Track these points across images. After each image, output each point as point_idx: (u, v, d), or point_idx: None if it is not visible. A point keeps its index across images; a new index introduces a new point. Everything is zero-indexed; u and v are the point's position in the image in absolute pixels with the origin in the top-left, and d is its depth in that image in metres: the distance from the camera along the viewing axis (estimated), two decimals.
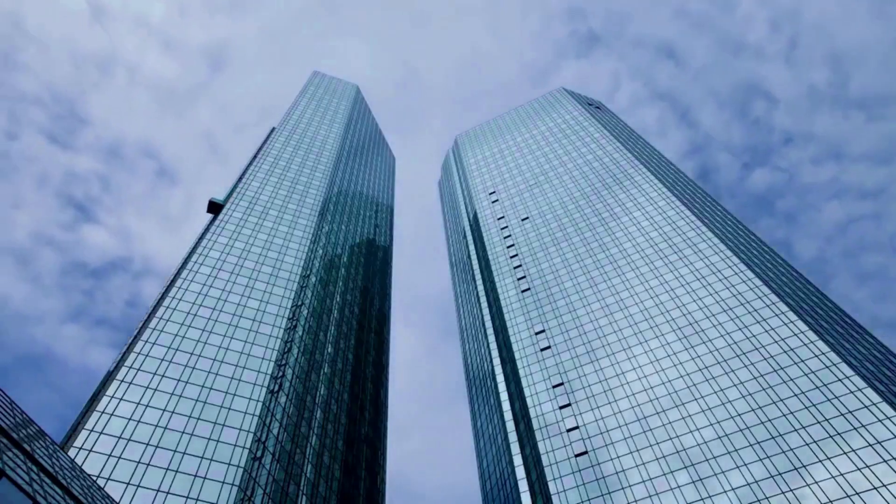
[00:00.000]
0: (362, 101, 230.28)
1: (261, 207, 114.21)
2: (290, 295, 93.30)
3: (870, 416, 64.65)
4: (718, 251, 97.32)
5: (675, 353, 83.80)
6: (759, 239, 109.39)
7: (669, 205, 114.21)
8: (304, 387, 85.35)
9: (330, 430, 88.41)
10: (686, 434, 72.75)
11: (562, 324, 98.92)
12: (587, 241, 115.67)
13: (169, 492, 58.28)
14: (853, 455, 61.95)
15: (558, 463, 76.78)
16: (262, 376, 76.28)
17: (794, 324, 79.16)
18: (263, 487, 64.88)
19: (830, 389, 69.17)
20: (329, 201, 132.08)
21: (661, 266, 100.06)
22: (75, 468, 36.89)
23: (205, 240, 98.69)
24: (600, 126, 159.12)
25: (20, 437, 29.21)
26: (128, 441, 61.45)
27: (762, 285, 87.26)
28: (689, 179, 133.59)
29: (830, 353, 73.20)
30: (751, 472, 65.19)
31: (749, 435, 69.03)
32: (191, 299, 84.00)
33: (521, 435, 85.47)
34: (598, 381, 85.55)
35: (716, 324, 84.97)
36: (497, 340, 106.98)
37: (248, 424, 68.88)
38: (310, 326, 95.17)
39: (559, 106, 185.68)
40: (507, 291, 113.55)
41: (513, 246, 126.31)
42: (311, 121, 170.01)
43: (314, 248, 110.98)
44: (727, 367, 78.06)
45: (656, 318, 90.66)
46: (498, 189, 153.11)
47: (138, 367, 70.49)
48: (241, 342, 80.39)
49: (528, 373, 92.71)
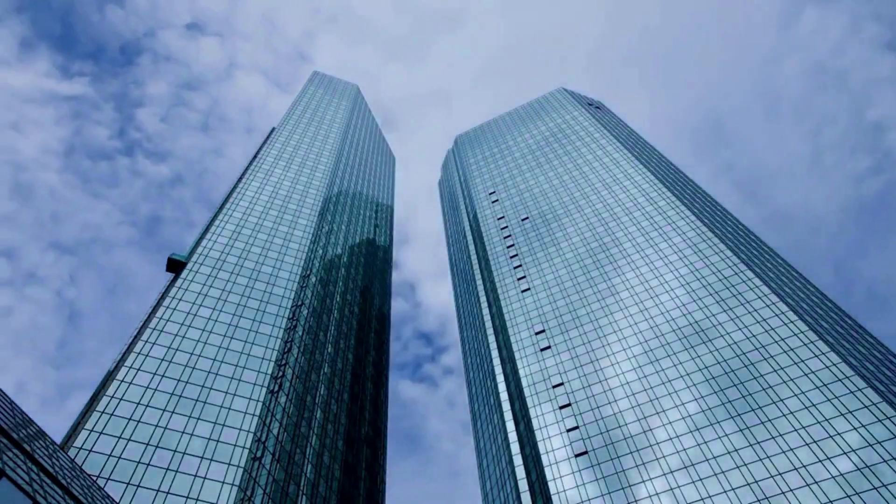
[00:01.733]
0: (362, 100, 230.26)
1: (261, 207, 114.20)
2: (290, 295, 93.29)
3: (870, 415, 64.66)
4: (718, 251, 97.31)
5: (676, 353, 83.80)
6: (759, 240, 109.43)
7: (670, 205, 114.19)
8: (304, 387, 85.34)
9: (330, 430, 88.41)
10: (686, 434, 72.76)
11: (562, 324, 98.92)
12: (587, 240, 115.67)
13: (169, 492, 58.29)
14: (853, 455, 61.96)
15: (558, 463, 76.79)
16: (262, 376, 76.27)
17: (794, 324, 79.14)
18: (263, 487, 64.88)
19: (830, 389, 69.17)
20: (329, 201, 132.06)
21: (661, 266, 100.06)
22: (75, 468, 36.88)
23: (205, 239, 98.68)
24: (600, 126, 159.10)
25: (20, 437, 29.20)
26: (128, 441, 61.45)
27: (762, 285, 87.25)
28: (688, 179, 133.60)
29: (830, 353, 73.20)
30: (751, 472, 65.19)
31: (749, 435, 69.04)
32: (191, 299, 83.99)
33: (521, 435, 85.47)
34: (598, 381, 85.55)
35: (716, 324, 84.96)
36: (497, 340, 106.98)
37: (248, 424, 68.88)
38: (310, 326, 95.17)
39: (559, 106, 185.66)
40: (507, 291, 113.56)
41: (513, 246, 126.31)
42: (312, 121, 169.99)
43: (314, 248, 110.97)
44: (727, 368, 78.05)
45: (656, 319, 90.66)
46: (498, 189, 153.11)
47: (138, 367, 70.49)
48: (241, 342, 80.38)
49: (528, 373, 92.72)
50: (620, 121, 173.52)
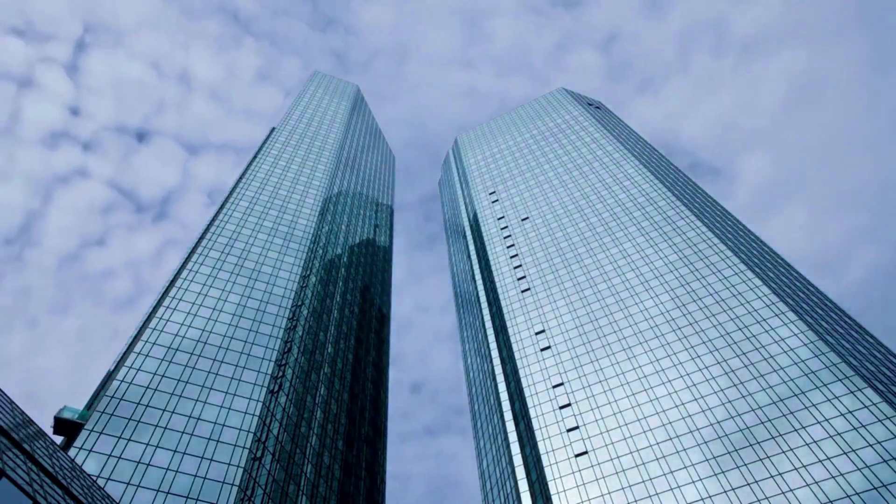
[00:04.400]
0: (362, 100, 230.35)
1: (261, 207, 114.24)
2: (290, 295, 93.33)
3: (870, 416, 64.67)
4: (718, 251, 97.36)
5: (675, 353, 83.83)
6: (759, 239, 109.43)
7: (669, 205, 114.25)
8: (304, 387, 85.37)
9: (330, 430, 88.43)
10: (686, 434, 72.77)
11: (562, 324, 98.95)
12: (587, 240, 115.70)
13: (169, 492, 58.32)
14: (853, 455, 61.96)
15: (558, 463, 76.80)
16: (262, 376, 76.31)
17: (794, 324, 79.17)
18: (263, 487, 64.90)
19: (830, 389, 69.18)
20: (329, 201, 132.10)
21: (661, 266, 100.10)
22: (75, 468, 36.90)
23: (205, 240, 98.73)
24: (600, 126, 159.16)
25: (20, 437, 29.22)
26: (128, 441, 61.48)
27: (762, 285, 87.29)
28: (688, 179, 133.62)
29: (830, 353, 73.22)
30: (751, 472, 65.20)
31: (749, 435, 69.05)
32: (191, 299, 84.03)
33: (521, 435, 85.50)
34: (598, 381, 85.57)
35: (716, 324, 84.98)
36: (497, 340, 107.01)
37: (248, 424, 68.91)
38: (310, 326, 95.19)
39: (559, 106, 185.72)
40: (507, 291, 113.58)
41: (513, 246, 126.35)
42: (312, 121, 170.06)
43: (314, 248, 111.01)
44: (727, 367, 78.07)
45: (656, 318, 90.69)
46: (498, 189, 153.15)
47: (139, 367, 70.53)
48: (241, 342, 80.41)
49: (528, 373, 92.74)
50: (620, 121, 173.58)
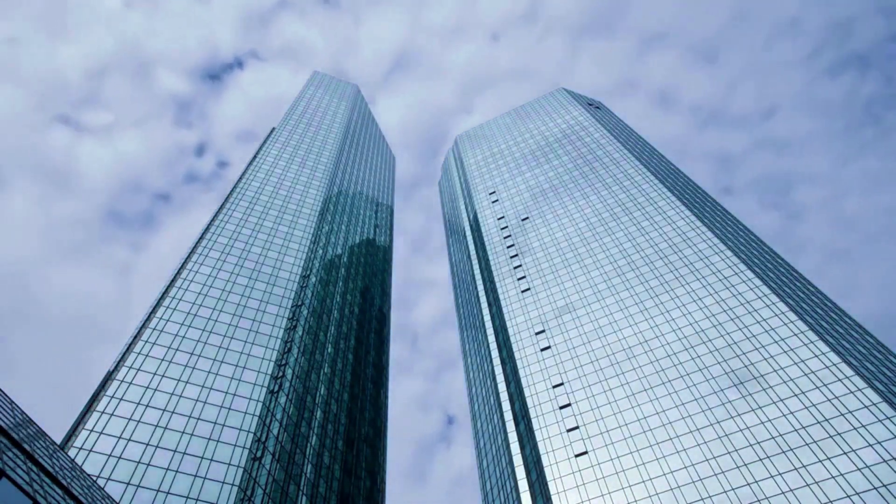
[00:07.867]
0: (362, 100, 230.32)
1: (261, 207, 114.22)
2: (290, 295, 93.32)
3: (870, 416, 64.66)
4: (718, 251, 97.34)
5: (676, 353, 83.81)
6: (759, 239, 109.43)
7: (669, 205, 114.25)
8: (304, 387, 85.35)
9: (330, 430, 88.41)
10: (686, 434, 72.76)
11: (562, 324, 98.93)
12: (587, 241, 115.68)
13: (169, 492, 58.30)
14: (853, 455, 61.96)
15: (558, 463, 76.79)
16: (262, 376, 76.29)
17: (794, 324, 79.16)
18: (263, 487, 64.89)
19: (830, 389, 69.18)
20: (329, 201, 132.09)
21: (661, 266, 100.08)
22: (75, 468, 36.89)
23: (205, 240, 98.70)
24: (600, 126, 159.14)
25: (20, 437, 29.21)
26: (128, 441, 61.47)
27: (762, 285, 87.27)
28: (688, 179, 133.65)
29: (830, 353, 73.21)
30: (751, 472, 65.19)
31: (749, 435, 69.04)
32: (191, 299, 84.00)
33: (521, 435, 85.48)
34: (598, 381, 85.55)
35: (716, 324, 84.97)
36: (497, 340, 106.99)
37: (248, 424, 68.90)
38: (310, 326, 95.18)
39: (559, 106, 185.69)
40: (507, 291, 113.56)
41: (513, 246, 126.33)
42: (311, 121, 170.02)
43: (314, 248, 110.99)
44: (727, 368, 78.06)
45: (656, 318, 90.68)
46: (498, 189, 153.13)
47: (138, 367, 70.51)
48: (241, 342, 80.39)
49: (528, 373, 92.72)
50: (620, 120, 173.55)
